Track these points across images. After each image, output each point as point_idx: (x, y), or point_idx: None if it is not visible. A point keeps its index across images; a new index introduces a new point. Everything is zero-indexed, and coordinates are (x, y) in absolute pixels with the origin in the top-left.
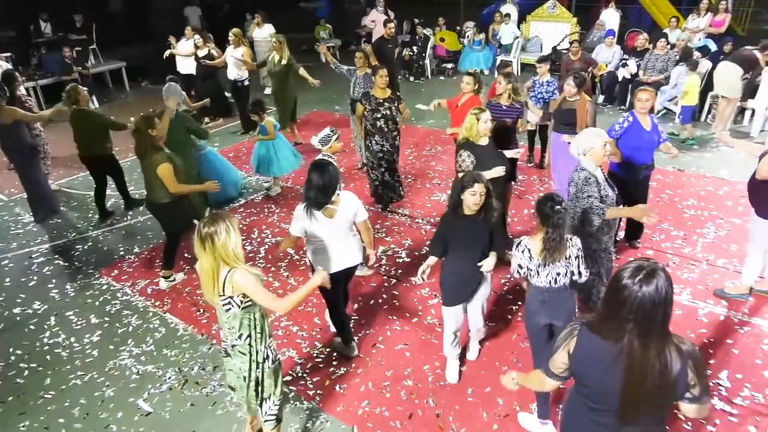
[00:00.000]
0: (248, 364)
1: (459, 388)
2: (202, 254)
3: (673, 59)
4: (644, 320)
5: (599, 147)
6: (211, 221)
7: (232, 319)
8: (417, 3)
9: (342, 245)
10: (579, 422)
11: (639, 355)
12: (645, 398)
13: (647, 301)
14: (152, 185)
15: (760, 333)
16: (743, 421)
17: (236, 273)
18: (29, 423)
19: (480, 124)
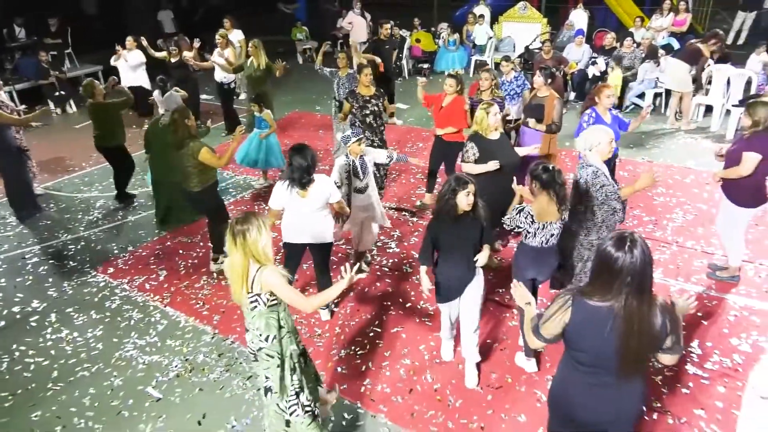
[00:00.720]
0: (274, 369)
1: (454, 364)
2: (233, 251)
3: (639, 57)
4: (640, 281)
5: (605, 143)
6: (243, 219)
7: (257, 318)
8: (391, 5)
9: (310, 221)
10: (576, 390)
11: (636, 311)
12: (640, 352)
13: (639, 264)
14: (188, 174)
15: (726, 306)
16: (714, 383)
17: (265, 271)
18: (41, 413)
19: (490, 118)
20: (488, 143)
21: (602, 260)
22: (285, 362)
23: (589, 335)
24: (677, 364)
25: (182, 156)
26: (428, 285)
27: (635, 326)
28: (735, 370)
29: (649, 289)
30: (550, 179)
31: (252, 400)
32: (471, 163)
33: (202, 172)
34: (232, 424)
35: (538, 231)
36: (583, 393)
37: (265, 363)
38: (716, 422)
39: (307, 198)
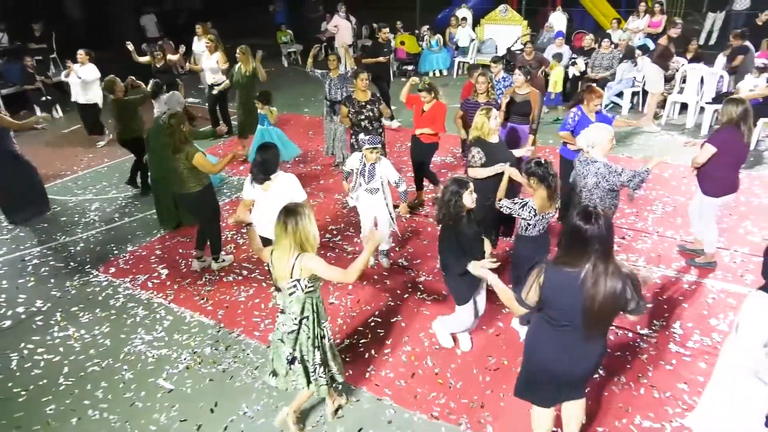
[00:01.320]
0: (307, 348)
1: (453, 349)
2: (282, 238)
3: (617, 57)
4: (605, 248)
5: (606, 141)
6: (294, 208)
7: (295, 303)
8: (374, 8)
9: (272, 215)
10: (547, 346)
11: (602, 275)
12: (603, 311)
13: (605, 233)
14: (184, 178)
15: (705, 290)
16: (695, 360)
17: (306, 256)
18: (55, 407)
19: (491, 122)
20: (490, 146)
21: (573, 232)
22: (313, 340)
23: (561, 297)
24: (662, 343)
25: (177, 160)
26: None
27: (600, 287)
28: (714, 348)
29: (612, 256)
30: (546, 173)
31: (262, 389)
32: (478, 167)
33: (196, 175)
34: (244, 411)
35: (538, 222)
36: (550, 346)
37: (294, 342)
38: (698, 394)
39: (269, 192)
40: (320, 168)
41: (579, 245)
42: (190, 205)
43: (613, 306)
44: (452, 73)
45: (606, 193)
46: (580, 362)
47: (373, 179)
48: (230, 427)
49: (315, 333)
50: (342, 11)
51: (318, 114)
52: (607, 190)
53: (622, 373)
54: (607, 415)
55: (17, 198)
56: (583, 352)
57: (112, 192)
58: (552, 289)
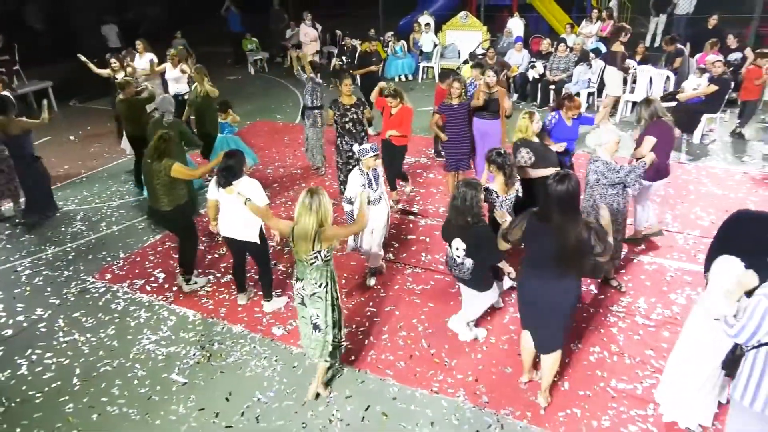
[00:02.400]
0: (324, 308)
1: (445, 332)
2: (306, 215)
3: (573, 60)
4: (570, 204)
5: (612, 142)
6: (314, 191)
7: (314, 271)
8: (338, 15)
9: (235, 218)
10: (529, 283)
11: (568, 227)
12: (569, 254)
13: (572, 191)
14: (158, 195)
15: (663, 269)
16: (659, 329)
17: (325, 231)
18: (73, 405)
19: (534, 125)
20: (536, 146)
21: (547, 191)
22: (334, 303)
23: (536, 241)
24: (629, 316)
25: (153, 173)
26: None
27: (569, 236)
28: (675, 318)
29: (577, 211)
30: (503, 162)
31: (272, 376)
32: (528, 167)
33: (170, 191)
34: (258, 398)
35: (503, 202)
36: (531, 282)
37: (317, 303)
38: (663, 359)
39: (233, 195)
40: (300, 171)
41: (552, 202)
42: (162, 221)
43: (580, 251)
44: (417, 78)
45: (606, 190)
46: (554, 296)
47: (379, 182)
48: (246, 412)
49: (334, 296)
50: (308, 19)
51: (291, 120)
52: (607, 186)
53: (596, 344)
54: (587, 380)
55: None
56: (557, 289)
57: (95, 202)
58: (530, 233)
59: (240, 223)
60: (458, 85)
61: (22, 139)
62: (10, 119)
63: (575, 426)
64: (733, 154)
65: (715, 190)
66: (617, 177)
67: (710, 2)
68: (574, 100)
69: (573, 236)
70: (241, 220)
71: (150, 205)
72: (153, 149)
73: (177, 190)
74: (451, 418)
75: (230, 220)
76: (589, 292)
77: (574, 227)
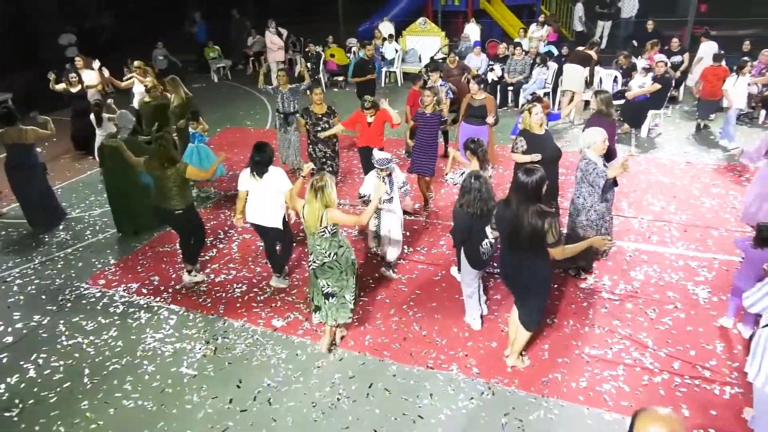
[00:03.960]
0: (337, 277)
1: (433, 315)
2: (313, 200)
3: (528, 63)
4: (531, 194)
5: (600, 142)
6: (320, 179)
7: (324, 242)
8: (299, 23)
9: (264, 205)
10: (503, 257)
11: (524, 214)
12: (522, 235)
13: (535, 184)
14: (171, 195)
15: (622, 250)
16: (623, 302)
17: (329, 211)
18: (88, 402)
19: (533, 117)
20: (535, 138)
21: (514, 181)
22: (347, 270)
23: (501, 224)
24: (596, 292)
25: (166, 178)
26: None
27: (524, 221)
28: (635, 292)
29: (535, 201)
30: (476, 147)
31: (278, 363)
32: (519, 153)
33: (183, 191)
34: (267, 383)
35: None
36: (504, 259)
37: (327, 273)
38: (629, 327)
39: (263, 182)
40: None
41: (515, 189)
42: (173, 222)
43: (533, 236)
44: (380, 82)
45: (591, 186)
46: (523, 274)
47: (393, 187)
48: (258, 397)
49: (350, 261)
50: (273, 27)
51: (260, 126)
52: (590, 183)
53: (569, 318)
54: (564, 349)
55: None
56: (524, 267)
57: (76, 211)
58: (498, 218)
59: (267, 211)
60: (429, 93)
61: (32, 148)
62: (22, 129)
63: (557, 388)
64: (677, 146)
65: (663, 179)
66: (593, 176)
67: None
68: (542, 101)
69: (526, 222)
70: (268, 208)
71: (158, 206)
72: (160, 156)
73: (188, 190)
74: (447, 389)
75: (258, 208)
76: (558, 273)
77: (529, 214)
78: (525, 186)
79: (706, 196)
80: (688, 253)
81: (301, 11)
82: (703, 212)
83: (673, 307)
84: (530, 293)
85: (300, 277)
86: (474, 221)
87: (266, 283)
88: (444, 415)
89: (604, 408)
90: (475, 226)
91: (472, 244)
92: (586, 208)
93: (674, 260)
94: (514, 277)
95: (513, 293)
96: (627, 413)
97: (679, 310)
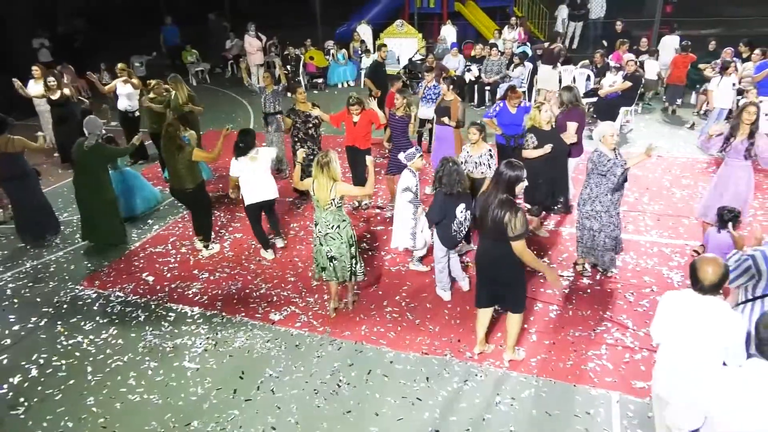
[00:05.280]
0: (339, 245)
1: (425, 304)
2: (320, 175)
3: (504, 63)
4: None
5: (609, 135)
6: (325, 155)
7: (329, 215)
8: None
9: (261, 181)
10: (478, 249)
11: (489, 199)
12: (487, 223)
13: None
14: (183, 176)
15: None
16: (603, 287)
17: (338, 184)
18: (94, 399)
19: (542, 114)
20: (543, 134)
21: (496, 171)
22: (346, 241)
23: (479, 211)
24: (578, 279)
25: (178, 161)
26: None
27: (486, 208)
28: (614, 278)
29: (507, 194)
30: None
31: (278, 354)
32: (531, 149)
33: (192, 172)
34: (269, 374)
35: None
36: (479, 249)
37: (330, 242)
38: (609, 310)
39: (257, 161)
40: None
41: (494, 180)
42: (187, 199)
43: (496, 225)
44: (360, 84)
45: (600, 179)
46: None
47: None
48: (261, 386)
49: (349, 235)
50: (252, 30)
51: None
52: (600, 176)
53: (554, 303)
54: (550, 332)
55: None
56: (494, 255)
57: (64, 215)
58: (477, 207)
59: (267, 185)
60: (400, 97)
61: (20, 157)
62: (8, 138)
63: (546, 368)
64: (648, 141)
65: (636, 172)
66: (602, 169)
67: (618, 7)
68: (516, 91)
69: (491, 210)
70: (265, 182)
71: (173, 187)
72: (169, 145)
73: (197, 171)
74: (442, 373)
75: (257, 186)
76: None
77: (495, 203)
78: (501, 176)
79: (676, 187)
80: (661, 241)
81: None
82: (674, 202)
83: (649, 291)
84: (507, 285)
85: (293, 272)
86: (447, 202)
87: (261, 279)
88: (441, 397)
89: (590, 384)
90: (449, 206)
91: (444, 224)
92: (591, 198)
93: (649, 247)
94: (489, 269)
95: (488, 288)
96: (612, 388)
97: (655, 293)
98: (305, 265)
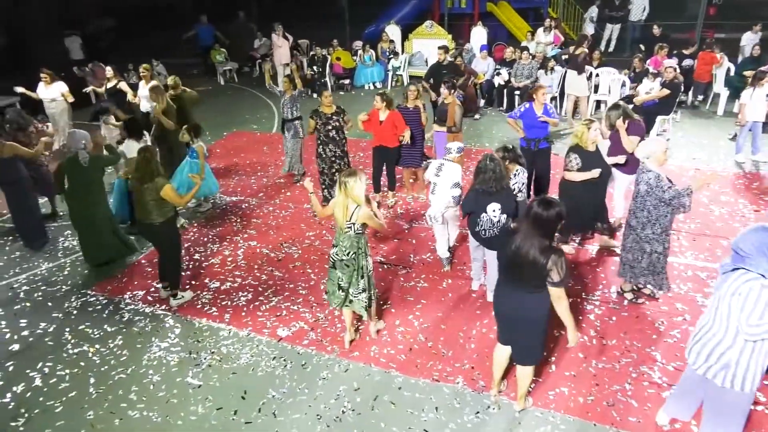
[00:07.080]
0: (350, 274)
1: (439, 326)
2: (339, 193)
3: (536, 67)
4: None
5: (660, 152)
6: (348, 174)
7: (347, 239)
8: (302, 26)
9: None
10: (499, 289)
11: (524, 245)
12: (516, 269)
13: (539, 216)
14: (149, 209)
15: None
16: (630, 314)
17: (362, 209)
18: (94, 412)
19: (591, 132)
20: (588, 155)
21: (526, 212)
22: (358, 271)
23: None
24: (604, 304)
25: (145, 190)
26: None
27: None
28: (644, 304)
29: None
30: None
31: (283, 374)
32: (574, 171)
33: (161, 206)
34: (272, 395)
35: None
36: (499, 293)
37: (344, 269)
38: (636, 339)
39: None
40: (283, 181)
41: (526, 219)
42: (150, 235)
43: (532, 269)
44: (387, 85)
45: (659, 202)
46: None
47: None
48: (263, 408)
49: (361, 264)
50: (279, 31)
51: (266, 130)
52: (658, 200)
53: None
54: (571, 362)
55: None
56: (515, 300)
57: None
58: (504, 255)
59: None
60: (413, 88)
61: (11, 163)
62: (1, 144)
63: (564, 403)
64: (686, 152)
65: None
66: (663, 196)
67: (659, 10)
68: (540, 85)
69: (528, 255)
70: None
71: (139, 219)
72: (142, 171)
73: (166, 204)
74: (453, 403)
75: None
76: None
77: (532, 248)
78: (537, 218)
79: (715, 204)
80: (697, 263)
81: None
82: (712, 221)
83: (681, 319)
84: (527, 327)
85: (305, 285)
86: (479, 198)
87: (272, 291)
88: (449, 429)
89: (611, 424)
90: (480, 202)
91: (472, 218)
92: (651, 221)
93: (683, 270)
94: (509, 315)
95: (507, 332)
96: (635, 430)
97: (687, 322)
98: (318, 278)
